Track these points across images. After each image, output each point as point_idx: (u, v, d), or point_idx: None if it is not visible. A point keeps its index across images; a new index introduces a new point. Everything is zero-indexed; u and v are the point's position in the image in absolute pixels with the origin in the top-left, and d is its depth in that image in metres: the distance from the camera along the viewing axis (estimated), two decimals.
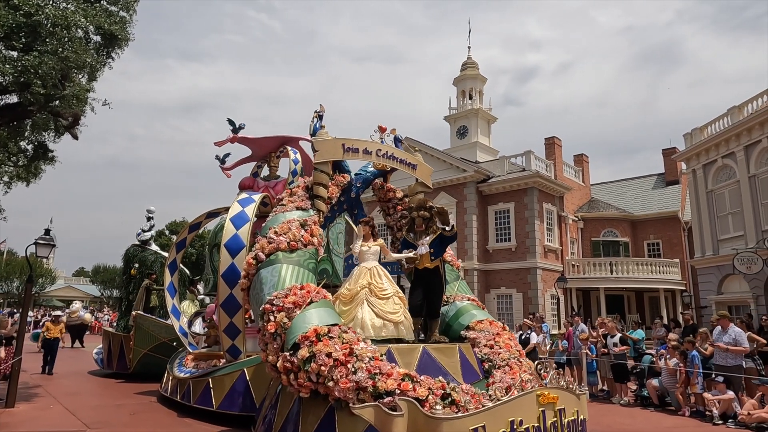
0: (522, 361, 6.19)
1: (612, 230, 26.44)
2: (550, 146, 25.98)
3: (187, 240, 10.12)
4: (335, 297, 6.12)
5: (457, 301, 7.19)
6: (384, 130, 7.78)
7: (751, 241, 17.16)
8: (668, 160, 27.61)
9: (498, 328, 6.71)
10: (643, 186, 29.34)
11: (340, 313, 5.81)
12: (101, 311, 37.25)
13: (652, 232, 26.25)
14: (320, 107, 7.69)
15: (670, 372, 9.54)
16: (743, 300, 17.72)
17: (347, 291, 6.13)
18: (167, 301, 9.65)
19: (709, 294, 19.43)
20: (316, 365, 4.68)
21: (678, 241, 25.29)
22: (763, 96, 17.35)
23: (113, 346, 12.18)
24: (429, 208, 6.62)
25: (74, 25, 14.91)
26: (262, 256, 6.15)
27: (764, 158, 17.08)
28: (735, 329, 9.48)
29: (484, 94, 30.35)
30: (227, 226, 7.64)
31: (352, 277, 6.31)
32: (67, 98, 15.85)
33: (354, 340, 4.93)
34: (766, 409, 7.94)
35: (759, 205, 17.15)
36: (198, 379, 7.78)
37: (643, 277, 23.06)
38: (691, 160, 20.46)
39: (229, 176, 10.57)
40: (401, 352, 5.35)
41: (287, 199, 7.02)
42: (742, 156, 17.73)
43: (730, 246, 18.03)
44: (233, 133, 10.02)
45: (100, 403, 8.85)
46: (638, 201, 27.98)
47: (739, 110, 18.12)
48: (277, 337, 5.19)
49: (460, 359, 5.81)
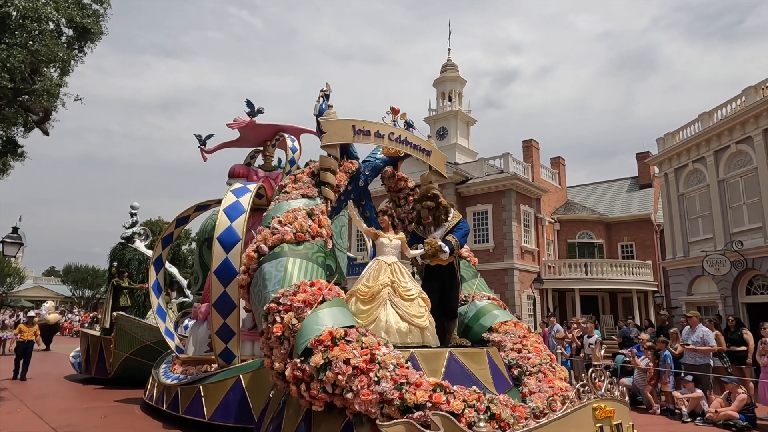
0: (555, 367, 5.60)
1: (587, 232, 26.94)
2: (528, 149, 26.36)
3: (174, 235, 9.48)
4: (349, 294, 5.50)
5: (476, 301, 6.58)
6: (397, 112, 7.17)
7: (720, 244, 17.67)
8: (642, 164, 28.28)
9: (524, 330, 6.15)
10: (617, 189, 29.99)
11: (357, 313, 5.22)
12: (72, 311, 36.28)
13: (625, 234, 26.84)
14: (326, 86, 7.05)
15: (642, 371, 9.75)
16: (712, 301, 18.24)
17: (366, 288, 5.42)
18: (152, 300, 8.98)
19: (679, 295, 19.95)
20: (332, 374, 4.02)
21: (650, 243, 25.92)
22: (731, 103, 17.89)
23: (92, 349, 11.50)
24: (433, 197, 6.09)
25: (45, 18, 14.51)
26: (265, 248, 5.40)
27: (733, 163, 17.61)
28: (703, 329, 9.77)
29: (463, 96, 30.60)
30: (220, 218, 6.98)
31: (369, 272, 5.62)
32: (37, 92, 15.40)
33: (375, 345, 4.26)
34: (732, 406, 8.18)
35: (727, 209, 17.67)
36: (187, 387, 7.09)
37: (616, 278, 23.55)
38: (664, 164, 20.98)
39: (205, 159, 9.88)
40: (426, 358, 4.70)
41: (291, 186, 6.30)
42: (711, 161, 18.25)
43: (700, 248, 18.54)
44: (250, 116, 9.24)
45: (71, 407, 8.55)
46: (613, 204, 28.58)
47: (709, 116, 18.64)
48: (284, 341, 4.51)
49: (489, 365, 5.20)
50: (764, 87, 16.45)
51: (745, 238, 16.82)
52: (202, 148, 9.73)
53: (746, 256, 16.61)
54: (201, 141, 9.77)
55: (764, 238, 16.04)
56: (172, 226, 9.37)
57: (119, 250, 13.36)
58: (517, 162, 24.83)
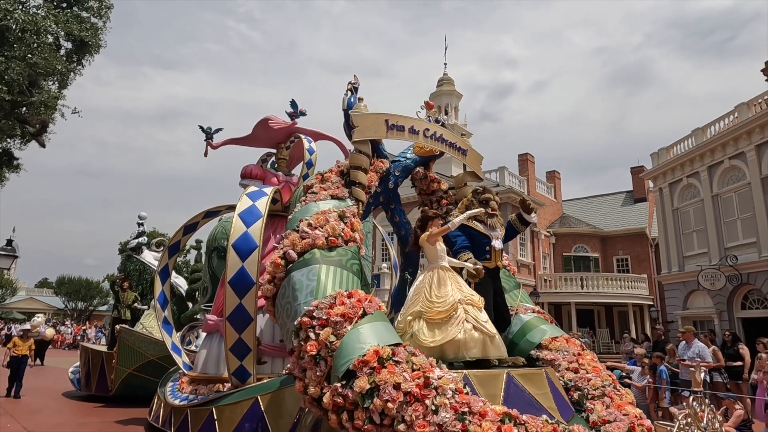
0: (620, 389, 5.01)
1: (582, 246, 27.04)
2: (524, 162, 26.52)
3: (181, 243, 8.81)
4: (410, 315, 4.83)
5: (521, 314, 5.97)
6: (431, 107, 6.66)
7: (715, 258, 17.77)
8: (636, 178, 28.52)
9: (577, 347, 5.56)
10: (612, 203, 30.17)
11: (431, 337, 4.58)
12: (64, 324, 35.92)
13: (621, 247, 26.96)
14: (354, 78, 6.54)
15: (639, 388, 9.72)
16: (707, 315, 18.28)
17: (437, 307, 4.68)
18: (157, 313, 8.34)
19: (675, 309, 20.00)
20: (381, 401, 3.46)
21: (646, 257, 26.03)
22: (724, 119, 18.13)
23: (92, 365, 10.85)
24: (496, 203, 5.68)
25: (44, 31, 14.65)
26: (294, 254, 4.85)
27: (726, 178, 17.78)
28: (698, 344, 9.77)
29: (459, 110, 30.88)
30: (236, 223, 6.37)
31: (425, 283, 4.93)
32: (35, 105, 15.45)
33: (427, 366, 3.72)
34: (729, 422, 8.15)
35: (722, 224, 17.80)
36: (198, 408, 6.41)
37: (612, 292, 23.59)
38: (658, 178, 21.15)
39: (206, 155, 9.15)
40: (481, 381, 4.09)
41: (318, 186, 5.74)
42: (705, 176, 18.43)
43: (695, 263, 18.64)
44: (292, 117, 8.62)
45: (64, 421, 8.33)
46: (608, 217, 28.72)
47: (703, 132, 18.86)
48: (320, 362, 3.92)
49: (550, 388, 4.60)
50: (756, 103, 16.68)
51: (739, 253, 16.93)
52: (209, 141, 9.00)
53: (741, 270, 16.70)
54: (208, 135, 9.02)
55: (758, 252, 16.14)
56: (179, 234, 8.70)
57: (124, 262, 13.18)
58: (512, 175, 24.96)
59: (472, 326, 4.63)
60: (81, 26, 15.53)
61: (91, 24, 15.98)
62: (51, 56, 14.83)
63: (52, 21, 14.66)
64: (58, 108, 16.51)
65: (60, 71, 15.39)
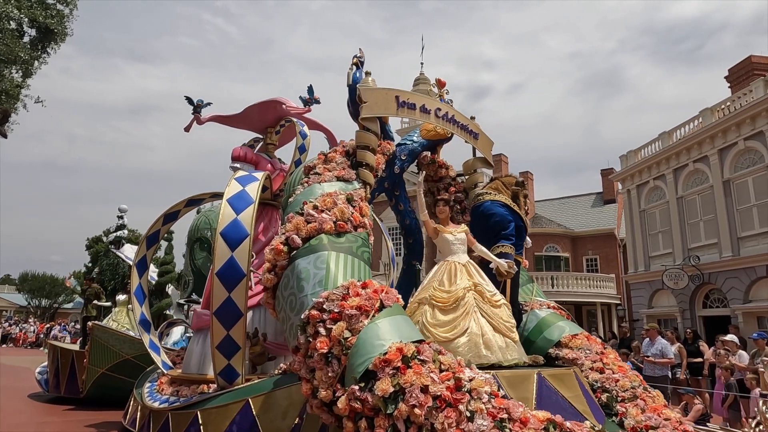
0: (651, 391, 4.72)
1: (554, 245, 27.54)
2: (497, 163, 26.87)
3: (161, 233, 8.14)
4: (417, 302, 4.60)
5: (535, 309, 5.70)
6: (443, 85, 6.18)
7: (679, 259, 18.33)
8: (606, 180, 29.19)
9: (599, 345, 5.27)
10: (583, 204, 30.82)
11: (437, 324, 4.36)
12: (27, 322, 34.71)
13: (590, 248, 27.55)
14: (360, 51, 6.01)
15: None
16: (671, 314, 18.86)
17: (445, 294, 4.49)
18: (134, 308, 7.69)
19: (641, 308, 20.57)
20: (407, 406, 2.99)
21: (614, 257, 26.67)
22: (689, 123, 18.69)
23: (61, 364, 10.21)
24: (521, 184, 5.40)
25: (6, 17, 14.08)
26: (298, 240, 4.37)
27: (690, 181, 18.35)
28: (662, 341, 10.06)
29: None
30: (224, 210, 5.78)
31: (437, 275, 4.71)
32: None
33: (456, 366, 3.28)
34: (689, 417, 8.42)
35: (686, 225, 18.37)
36: (180, 412, 5.81)
37: (581, 291, 24.10)
38: (626, 180, 21.68)
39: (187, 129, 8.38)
40: (511, 382, 3.77)
41: (322, 167, 5.26)
42: (671, 178, 18.97)
43: (660, 263, 19.19)
44: (306, 104, 8.14)
45: (25, 421, 7.98)
46: (578, 218, 29.33)
47: (669, 136, 19.41)
48: (332, 361, 3.47)
49: (581, 390, 4.29)
50: (719, 109, 17.26)
51: (701, 254, 17.51)
52: (196, 115, 8.21)
53: (703, 270, 17.27)
54: (196, 108, 8.12)
55: (719, 253, 16.72)
56: (158, 224, 8.01)
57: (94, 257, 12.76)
58: (486, 176, 25.17)
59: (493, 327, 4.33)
60: (46, 13, 14.98)
61: (57, 11, 15.44)
62: (13, 43, 14.27)
63: (14, 6, 14.13)
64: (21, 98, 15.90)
65: (23, 59, 14.84)
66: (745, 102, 15.83)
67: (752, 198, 15.79)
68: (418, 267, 6.93)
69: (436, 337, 4.18)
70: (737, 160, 16.39)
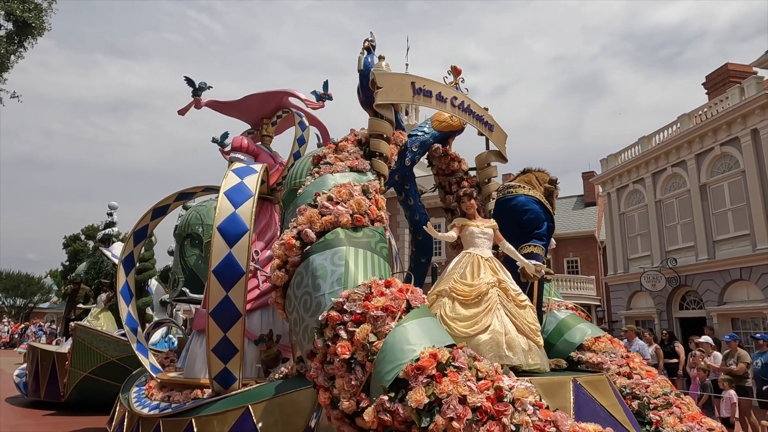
0: (683, 397, 4.49)
1: None
2: None
3: (149, 228, 7.73)
4: (436, 294, 4.30)
5: (554, 311, 5.48)
6: (459, 73, 5.86)
7: (657, 261, 18.66)
8: (587, 183, 29.59)
9: (623, 348, 5.07)
10: (564, 206, 31.17)
11: (457, 318, 4.05)
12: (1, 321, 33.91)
13: (571, 249, 27.90)
14: (371, 35, 5.69)
15: None
16: (649, 315, 19.20)
17: (467, 287, 4.22)
18: (121, 307, 7.27)
19: (619, 309, 20.90)
20: (444, 419, 2.67)
21: (594, 259, 27.05)
22: (668, 128, 19.05)
23: (42, 367, 9.78)
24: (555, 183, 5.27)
25: None
26: (312, 234, 3.99)
27: (669, 185, 18.71)
28: (639, 342, 10.24)
29: (419, 110, 31.08)
30: (221, 203, 5.51)
31: (458, 267, 4.46)
32: None
33: (494, 374, 2.96)
34: None
35: (664, 228, 18.71)
36: (173, 420, 5.38)
37: (562, 292, 24.36)
38: (606, 183, 22.01)
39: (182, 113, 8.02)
40: (547, 390, 3.48)
41: (333, 156, 4.92)
42: (650, 182, 19.32)
43: (639, 265, 19.52)
44: (320, 99, 7.86)
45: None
46: (560, 220, 29.63)
47: (648, 140, 19.76)
48: (356, 367, 3.11)
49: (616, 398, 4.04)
50: (697, 115, 17.62)
51: (679, 256, 17.86)
52: (196, 98, 7.82)
53: (680, 273, 17.62)
54: (196, 90, 7.72)
55: (696, 256, 17.08)
56: (147, 218, 7.59)
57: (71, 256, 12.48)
58: None
59: (516, 327, 4.10)
60: (23, 6, 14.67)
61: (35, 5, 15.13)
62: None
63: None
64: None
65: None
66: (722, 108, 16.20)
67: (728, 202, 16.16)
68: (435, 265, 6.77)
69: (455, 331, 3.94)
70: (713, 165, 16.76)
